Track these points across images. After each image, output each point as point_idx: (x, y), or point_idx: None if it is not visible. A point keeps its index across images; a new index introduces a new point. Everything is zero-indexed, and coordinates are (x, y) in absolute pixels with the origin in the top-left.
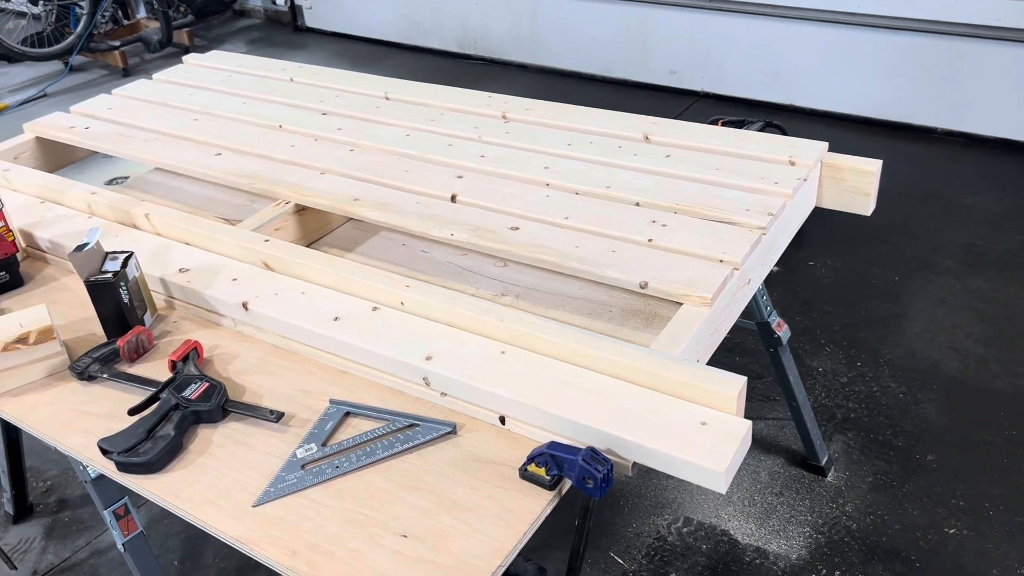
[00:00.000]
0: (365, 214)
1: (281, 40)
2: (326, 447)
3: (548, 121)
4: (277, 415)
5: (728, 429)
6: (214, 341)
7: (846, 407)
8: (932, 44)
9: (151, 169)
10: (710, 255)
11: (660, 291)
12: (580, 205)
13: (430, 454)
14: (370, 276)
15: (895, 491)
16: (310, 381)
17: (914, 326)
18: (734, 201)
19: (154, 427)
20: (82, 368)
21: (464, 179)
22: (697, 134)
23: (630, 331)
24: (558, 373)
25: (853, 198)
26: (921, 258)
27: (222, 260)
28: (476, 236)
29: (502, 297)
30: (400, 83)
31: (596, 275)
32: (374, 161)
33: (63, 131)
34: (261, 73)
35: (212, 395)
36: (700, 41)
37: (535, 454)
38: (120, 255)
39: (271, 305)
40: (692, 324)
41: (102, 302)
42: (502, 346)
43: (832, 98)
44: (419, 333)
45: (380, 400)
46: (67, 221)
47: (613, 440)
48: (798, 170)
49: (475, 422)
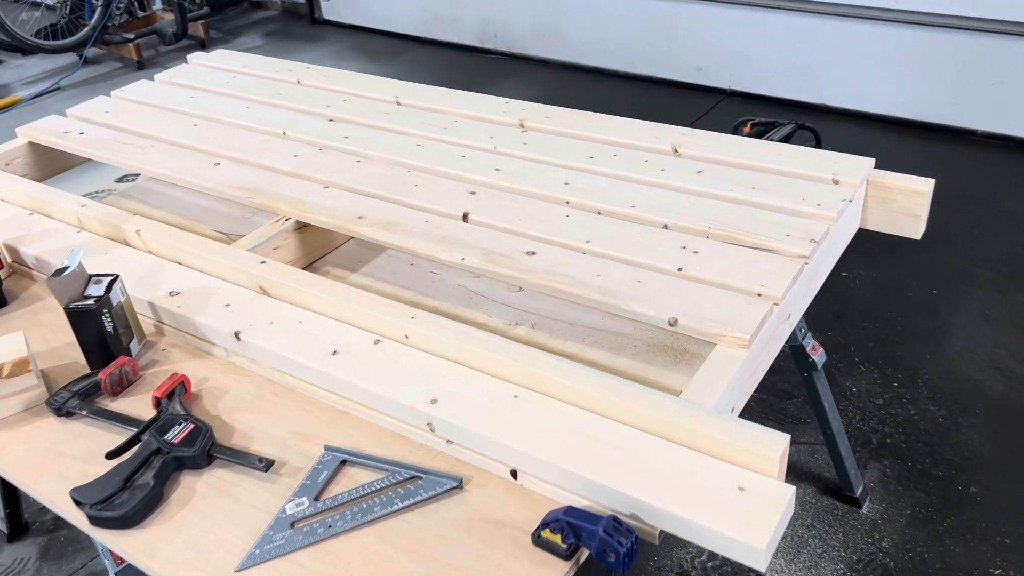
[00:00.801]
0: (369, 234)
1: (298, 33)
2: (319, 502)
3: (569, 130)
4: (267, 463)
5: (769, 496)
6: (205, 373)
7: (882, 431)
8: (972, 42)
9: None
10: (747, 288)
11: (691, 330)
12: (603, 227)
13: (433, 512)
14: (373, 305)
15: (935, 526)
16: (305, 422)
17: (954, 343)
18: (773, 224)
19: (132, 475)
20: (60, 404)
21: (477, 195)
22: (731, 147)
23: (657, 369)
24: (577, 423)
25: (902, 220)
26: (961, 269)
27: (215, 283)
28: (489, 261)
29: (516, 327)
30: (412, 87)
31: (620, 309)
32: (382, 174)
33: (57, 136)
34: (267, 74)
35: (197, 439)
36: (729, 37)
37: (550, 519)
38: (104, 279)
39: (265, 335)
40: (728, 369)
41: (83, 330)
42: (515, 389)
43: (866, 98)
44: (425, 371)
45: (380, 445)
46: (55, 236)
47: (638, 505)
48: (843, 189)
49: (484, 475)
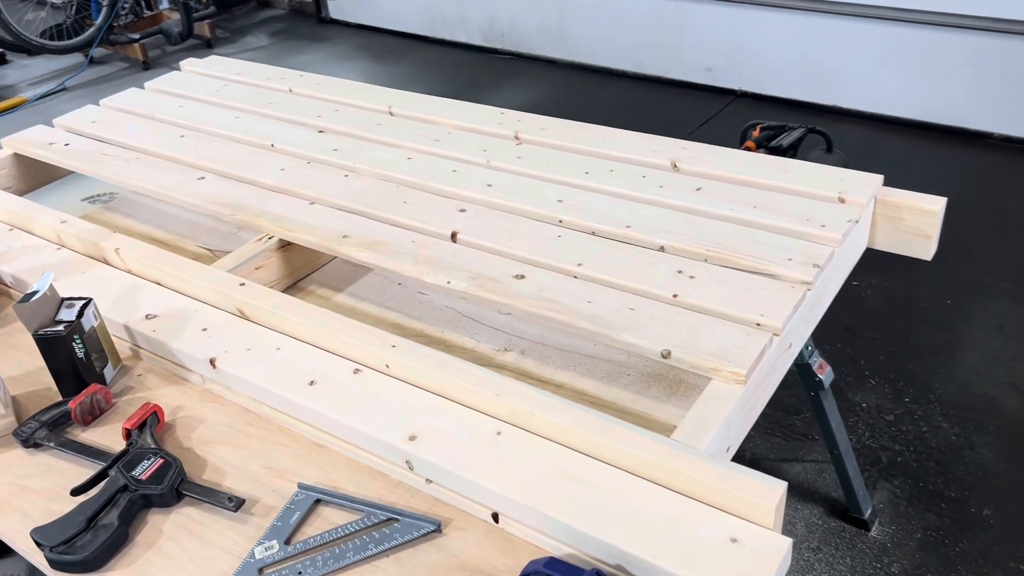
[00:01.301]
0: (354, 254)
1: (305, 32)
2: (289, 545)
3: (565, 143)
4: (237, 503)
5: (764, 549)
6: (180, 400)
7: (892, 449)
8: (989, 43)
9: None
10: (745, 317)
11: (685, 363)
12: (596, 248)
13: (409, 559)
14: (353, 333)
15: (947, 550)
16: (279, 456)
17: (969, 357)
18: (774, 247)
19: (97, 513)
20: (27, 434)
21: (467, 213)
22: (733, 162)
23: (650, 401)
24: (561, 464)
25: (911, 240)
26: (976, 279)
27: (194, 305)
28: (476, 285)
29: (505, 352)
30: (406, 95)
31: (611, 339)
32: (369, 189)
33: (42, 148)
34: (259, 82)
35: (166, 475)
36: (739, 37)
37: (530, 570)
38: (77, 302)
39: (242, 363)
40: (723, 407)
41: (54, 357)
42: (498, 424)
43: (879, 100)
44: (404, 403)
45: (357, 483)
46: (34, 253)
47: (623, 556)
48: (849, 209)
49: (464, 517)
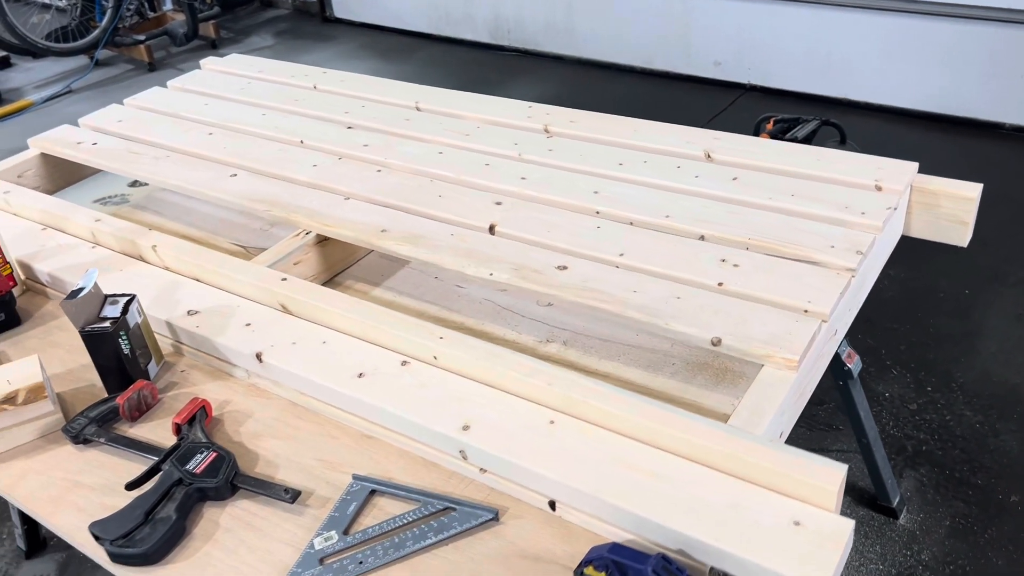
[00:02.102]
0: (394, 248)
1: (309, 32)
2: (348, 536)
3: (596, 136)
4: (293, 494)
5: (827, 531)
6: (225, 395)
7: (917, 438)
8: (999, 33)
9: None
10: (792, 304)
11: (736, 350)
12: (636, 238)
13: (468, 547)
14: (399, 325)
15: (976, 537)
16: (331, 448)
17: (989, 346)
18: (816, 235)
19: (154, 507)
20: (77, 430)
21: (504, 206)
22: (767, 151)
23: (697, 389)
24: (618, 451)
25: (948, 227)
26: (993, 268)
27: (235, 300)
28: (519, 277)
29: (548, 344)
30: (432, 91)
31: (660, 328)
32: (404, 184)
33: (70, 147)
34: (282, 80)
35: (220, 468)
36: (747, 31)
37: (593, 556)
38: (120, 299)
39: (288, 357)
40: (776, 393)
41: (100, 354)
42: (551, 414)
43: (890, 91)
44: (455, 395)
45: (410, 473)
46: (69, 252)
47: (687, 541)
48: (886, 196)
49: (520, 506)
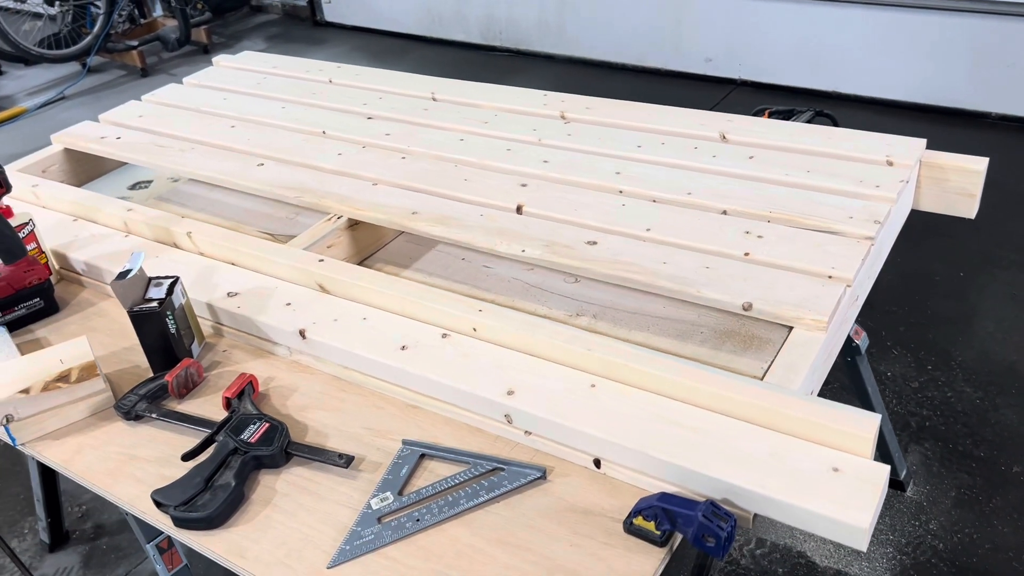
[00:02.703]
0: (426, 229)
1: (300, 35)
2: (403, 496)
3: (612, 120)
4: (347, 459)
5: (865, 476)
6: (269, 372)
7: (920, 415)
8: (983, 25)
9: (185, 179)
10: (817, 270)
11: (767, 314)
12: (660, 214)
13: (519, 503)
14: (438, 299)
15: (982, 507)
16: (378, 417)
17: (986, 325)
18: (834, 207)
19: (212, 475)
20: (128, 407)
21: (528, 187)
22: (779, 132)
23: (727, 355)
24: (659, 410)
25: (956, 200)
26: (985, 252)
27: (273, 282)
28: (550, 252)
29: (577, 318)
30: (447, 82)
31: (692, 296)
32: (429, 169)
33: (94, 142)
34: (297, 75)
35: (274, 437)
36: (737, 27)
37: (643, 506)
38: (164, 281)
39: (331, 333)
40: (808, 352)
41: (147, 333)
42: (591, 378)
43: (879, 84)
44: (496, 363)
45: (456, 439)
46: (103, 241)
47: (731, 490)
48: (898, 171)
49: (565, 465)
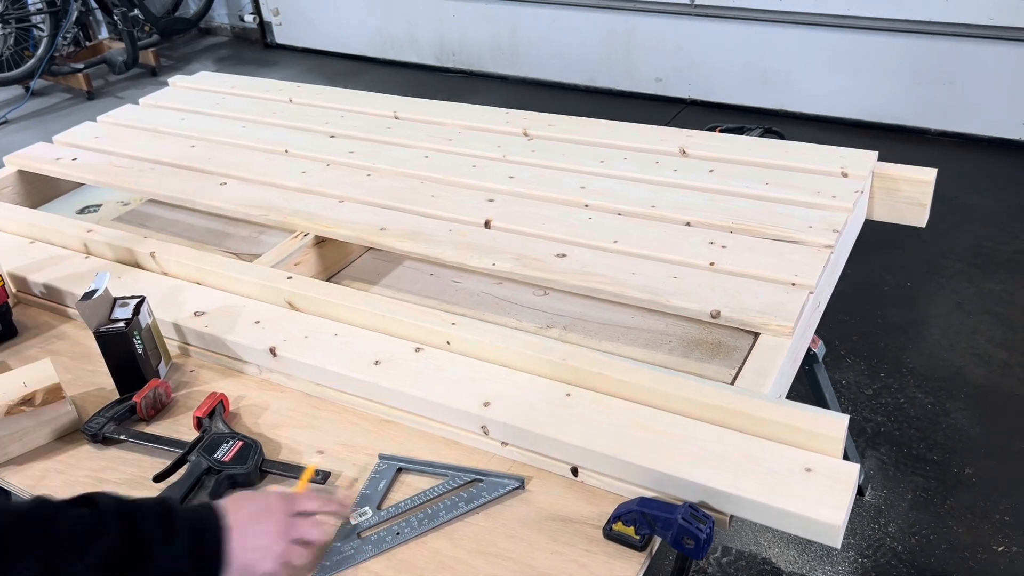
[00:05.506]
0: (395, 245)
1: (251, 58)
2: (382, 510)
3: (574, 137)
4: (323, 475)
5: (837, 475)
6: (239, 391)
7: (875, 421)
8: (922, 45)
9: (143, 200)
10: (781, 278)
11: (735, 321)
12: (626, 227)
13: (498, 514)
14: (411, 314)
15: (936, 508)
16: (353, 433)
17: (933, 333)
18: (793, 217)
19: (186, 496)
20: (96, 429)
21: (496, 203)
22: (737, 147)
23: (695, 363)
24: (634, 417)
25: (907, 209)
26: (931, 262)
27: (241, 301)
28: (521, 265)
29: (548, 329)
30: (410, 101)
31: (661, 305)
32: (395, 186)
33: (48, 163)
34: (256, 94)
35: (248, 456)
36: (686, 48)
37: (622, 511)
38: (131, 301)
39: (302, 350)
40: (776, 357)
41: (114, 354)
42: (566, 387)
43: (824, 102)
44: (471, 376)
45: (433, 452)
46: (61, 263)
47: (708, 492)
48: (853, 182)
49: (543, 474)
